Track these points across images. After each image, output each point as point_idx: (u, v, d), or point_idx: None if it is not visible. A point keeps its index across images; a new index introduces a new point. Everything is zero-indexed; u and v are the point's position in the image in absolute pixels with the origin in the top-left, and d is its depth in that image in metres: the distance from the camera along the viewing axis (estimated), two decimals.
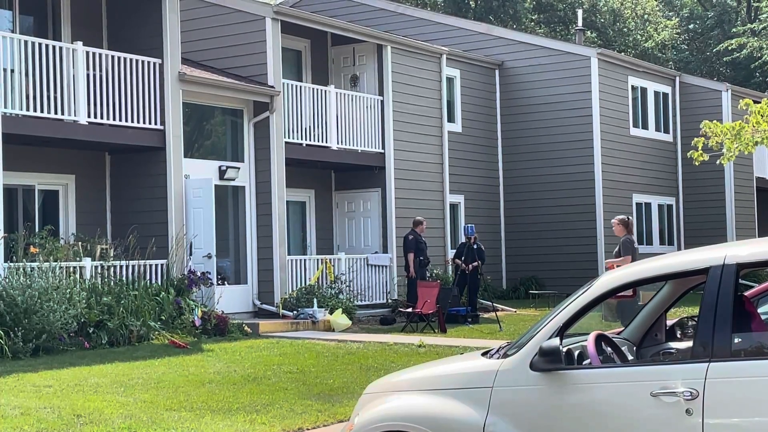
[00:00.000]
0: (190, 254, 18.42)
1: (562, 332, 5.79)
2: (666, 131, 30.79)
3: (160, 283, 17.43)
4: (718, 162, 19.86)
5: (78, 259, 16.69)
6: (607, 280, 5.93)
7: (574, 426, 5.66)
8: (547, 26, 48.04)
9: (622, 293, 6.04)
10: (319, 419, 10.24)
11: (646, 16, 48.89)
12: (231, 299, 19.26)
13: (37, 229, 17.24)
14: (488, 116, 28.20)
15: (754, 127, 18.91)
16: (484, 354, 6.34)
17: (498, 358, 6.03)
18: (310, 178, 22.93)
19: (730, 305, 5.45)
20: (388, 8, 29.78)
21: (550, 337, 5.75)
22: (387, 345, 16.51)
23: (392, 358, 14.83)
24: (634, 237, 16.38)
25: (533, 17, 47.35)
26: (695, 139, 19.08)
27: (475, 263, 21.67)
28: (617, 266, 16.05)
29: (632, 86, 29.24)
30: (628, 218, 16.08)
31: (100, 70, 17.45)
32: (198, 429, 9.61)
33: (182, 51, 18.89)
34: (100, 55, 17.54)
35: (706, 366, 5.36)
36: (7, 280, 14.79)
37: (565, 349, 5.77)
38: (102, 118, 17.41)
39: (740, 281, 5.66)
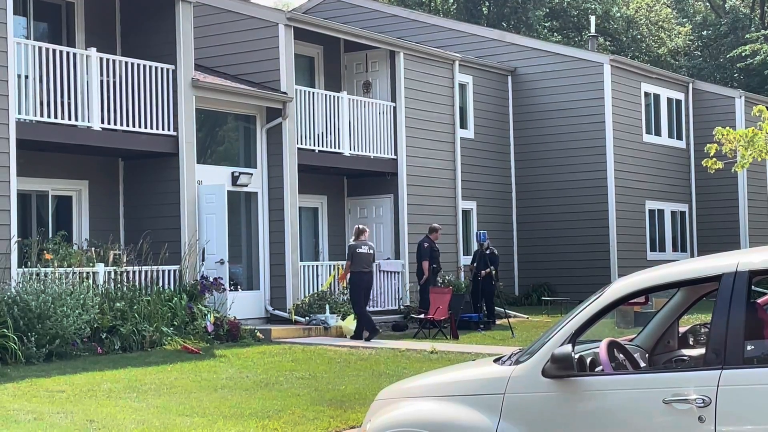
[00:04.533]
0: (203, 260, 18.46)
1: (574, 339, 5.78)
2: (679, 138, 30.73)
3: (172, 289, 17.47)
4: (732, 170, 19.80)
5: (91, 264, 16.73)
6: (619, 287, 5.92)
7: None
8: (559, 33, 47.98)
9: (634, 300, 6.04)
10: (331, 425, 10.25)
11: (659, 23, 48.79)
12: (243, 305, 19.30)
13: (50, 235, 17.28)
14: (501, 122, 28.19)
15: (767, 133, 18.86)
16: (496, 360, 6.33)
17: (510, 365, 6.02)
18: (322, 184, 22.95)
19: (743, 312, 5.44)
20: (400, 15, 29.82)
21: (562, 344, 5.74)
22: (399, 351, 16.51)
23: (404, 365, 14.83)
24: (361, 243, 18.91)
25: (546, 24, 47.29)
26: (708, 145, 19.02)
27: (488, 269, 21.67)
28: (345, 272, 19.28)
29: (645, 93, 29.18)
30: (359, 227, 19.22)
31: (114, 77, 17.51)
32: None
33: (195, 57, 18.95)
34: (114, 61, 17.60)
35: (719, 373, 5.35)
36: (21, 285, 14.85)
37: (577, 356, 5.75)
38: (115, 124, 17.46)
39: (753, 288, 5.64)
